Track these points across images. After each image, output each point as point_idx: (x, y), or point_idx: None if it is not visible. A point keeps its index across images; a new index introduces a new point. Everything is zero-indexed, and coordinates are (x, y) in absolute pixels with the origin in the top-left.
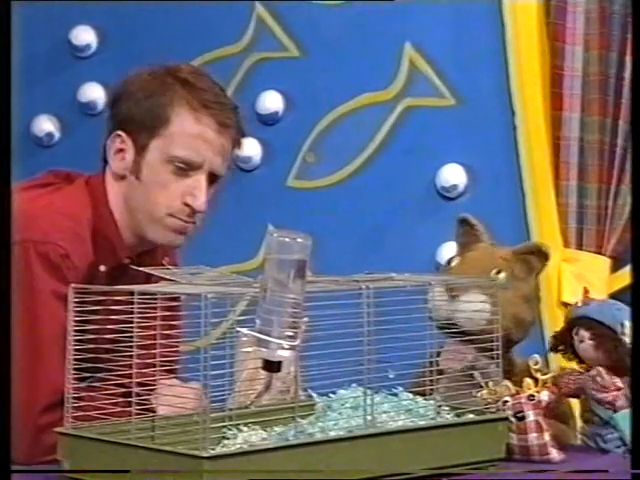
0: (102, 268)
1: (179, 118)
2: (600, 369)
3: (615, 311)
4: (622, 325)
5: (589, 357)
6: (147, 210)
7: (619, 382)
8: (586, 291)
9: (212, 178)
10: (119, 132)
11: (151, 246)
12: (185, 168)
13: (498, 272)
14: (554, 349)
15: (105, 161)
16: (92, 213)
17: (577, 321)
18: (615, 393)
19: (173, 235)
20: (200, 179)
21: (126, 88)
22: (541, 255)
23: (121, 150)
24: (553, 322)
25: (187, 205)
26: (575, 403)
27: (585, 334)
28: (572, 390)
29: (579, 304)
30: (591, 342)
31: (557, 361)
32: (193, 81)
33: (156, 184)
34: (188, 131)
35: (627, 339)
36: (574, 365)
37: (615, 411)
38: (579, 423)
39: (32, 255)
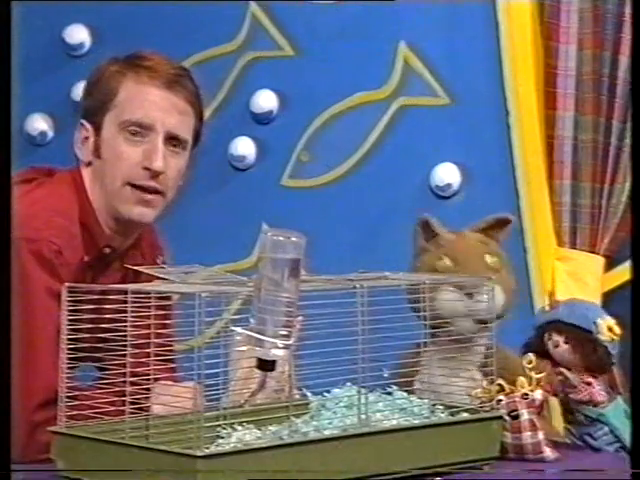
0: (86, 258)
1: (125, 87)
2: (563, 370)
3: (585, 311)
4: (595, 324)
5: (566, 360)
6: (110, 184)
7: (588, 378)
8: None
9: (174, 142)
10: (82, 121)
11: (128, 231)
12: (138, 132)
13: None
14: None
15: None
16: (78, 206)
17: (548, 326)
18: (589, 390)
19: (139, 208)
20: (155, 141)
21: (86, 81)
22: (501, 222)
23: (86, 138)
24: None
25: (146, 169)
26: (555, 403)
27: (559, 338)
28: (556, 390)
29: (547, 308)
30: (566, 345)
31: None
32: (140, 59)
33: (114, 156)
34: (132, 94)
35: (602, 337)
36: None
37: (596, 406)
38: (562, 424)
39: (25, 253)
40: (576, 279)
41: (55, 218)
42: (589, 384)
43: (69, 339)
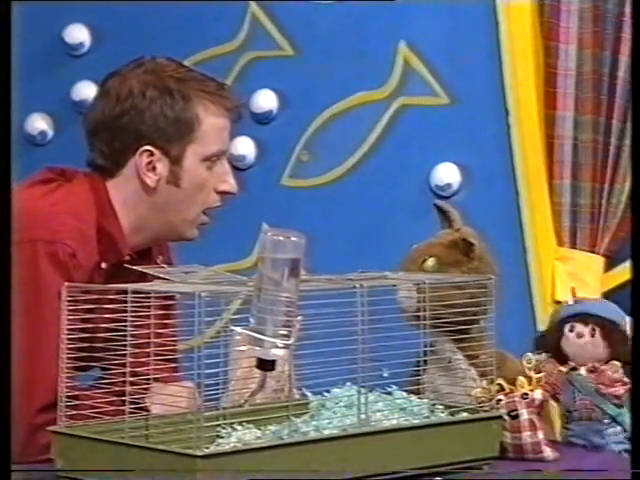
0: (103, 265)
1: (205, 116)
2: (617, 363)
3: (614, 307)
4: (624, 319)
5: (589, 353)
6: (188, 212)
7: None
8: (573, 289)
9: None
10: (148, 147)
11: (157, 243)
12: (215, 160)
13: (424, 260)
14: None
15: (95, 164)
16: (96, 212)
17: (572, 318)
18: (625, 387)
19: (197, 230)
20: (225, 163)
21: (133, 102)
22: (466, 243)
23: (150, 162)
24: (547, 321)
25: (222, 193)
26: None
27: (584, 330)
28: (559, 390)
29: (570, 302)
30: (591, 338)
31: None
32: (187, 75)
33: (197, 185)
34: (217, 126)
35: (629, 331)
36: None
37: (621, 406)
38: (559, 423)
39: (41, 254)
40: (576, 279)
41: (71, 220)
42: (625, 384)
43: (69, 339)
